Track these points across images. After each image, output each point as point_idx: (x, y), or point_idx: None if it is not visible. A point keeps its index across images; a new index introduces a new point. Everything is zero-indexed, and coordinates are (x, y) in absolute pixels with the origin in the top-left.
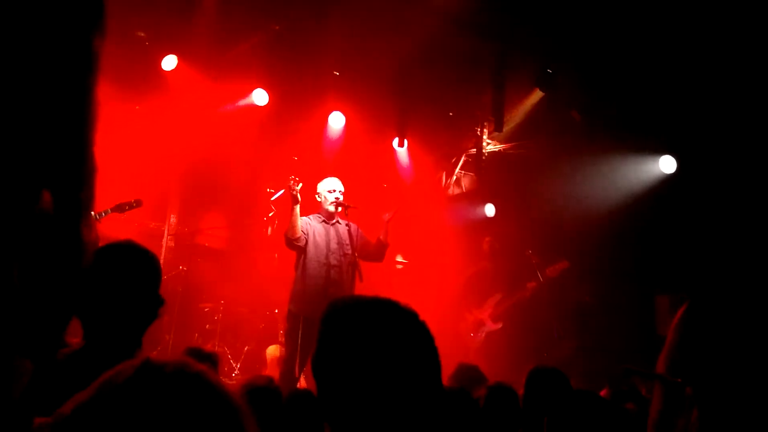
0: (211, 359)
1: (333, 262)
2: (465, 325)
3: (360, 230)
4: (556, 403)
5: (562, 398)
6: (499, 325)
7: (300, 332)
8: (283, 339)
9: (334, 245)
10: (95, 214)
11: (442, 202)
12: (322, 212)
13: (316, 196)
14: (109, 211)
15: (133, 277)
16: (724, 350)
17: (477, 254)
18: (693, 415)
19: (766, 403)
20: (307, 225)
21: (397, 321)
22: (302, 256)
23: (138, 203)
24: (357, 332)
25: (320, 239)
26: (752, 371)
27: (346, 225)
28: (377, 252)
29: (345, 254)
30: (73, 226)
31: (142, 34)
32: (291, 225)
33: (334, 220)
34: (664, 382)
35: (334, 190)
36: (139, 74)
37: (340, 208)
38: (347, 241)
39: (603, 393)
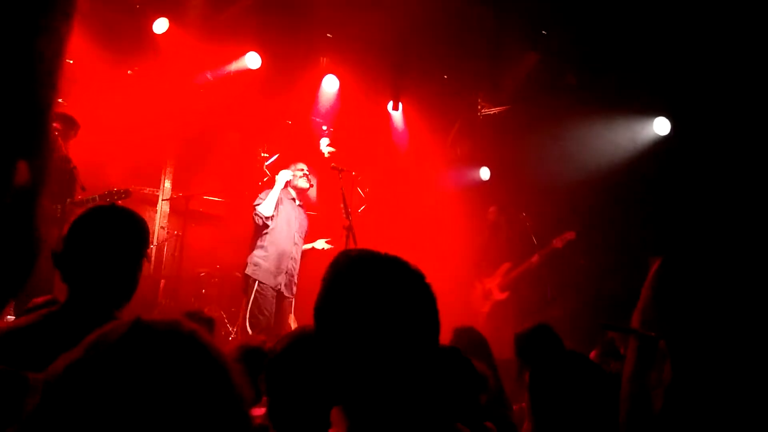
0: (208, 324)
1: (296, 240)
2: (475, 294)
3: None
4: (542, 359)
5: (549, 354)
6: (506, 295)
7: (254, 294)
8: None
9: (297, 224)
10: (81, 200)
11: (438, 166)
12: (294, 189)
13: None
14: (97, 198)
15: (115, 238)
16: (696, 304)
17: (475, 220)
18: (666, 368)
19: (737, 353)
20: (280, 201)
21: (404, 278)
22: (271, 229)
23: (127, 193)
24: (363, 284)
25: (290, 217)
26: (724, 324)
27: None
28: None
29: (303, 235)
30: (27, 201)
31: None
32: (269, 202)
33: (299, 202)
34: (638, 337)
35: (302, 169)
36: (131, 38)
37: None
38: (304, 222)
39: (593, 354)
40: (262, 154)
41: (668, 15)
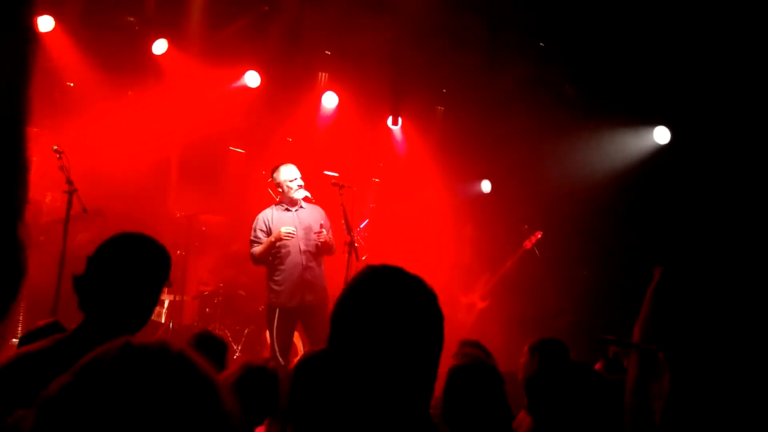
0: (221, 346)
1: (303, 248)
2: (460, 309)
3: (325, 217)
4: (543, 371)
5: (551, 366)
6: (487, 303)
7: (275, 323)
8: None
9: (301, 231)
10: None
11: (439, 180)
12: (285, 201)
13: (277, 187)
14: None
15: (141, 267)
16: (694, 317)
17: (477, 233)
18: (665, 380)
19: (732, 364)
20: (269, 223)
21: (418, 294)
22: (275, 254)
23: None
24: (378, 296)
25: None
26: (720, 336)
27: (312, 208)
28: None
29: (313, 239)
30: (8, 227)
31: (132, 19)
32: (263, 254)
33: (297, 206)
34: (639, 350)
35: (295, 179)
36: (130, 59)
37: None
38: (315, 224)
39: (598, 366)
40: (263, 172)
41: (667, 24)
